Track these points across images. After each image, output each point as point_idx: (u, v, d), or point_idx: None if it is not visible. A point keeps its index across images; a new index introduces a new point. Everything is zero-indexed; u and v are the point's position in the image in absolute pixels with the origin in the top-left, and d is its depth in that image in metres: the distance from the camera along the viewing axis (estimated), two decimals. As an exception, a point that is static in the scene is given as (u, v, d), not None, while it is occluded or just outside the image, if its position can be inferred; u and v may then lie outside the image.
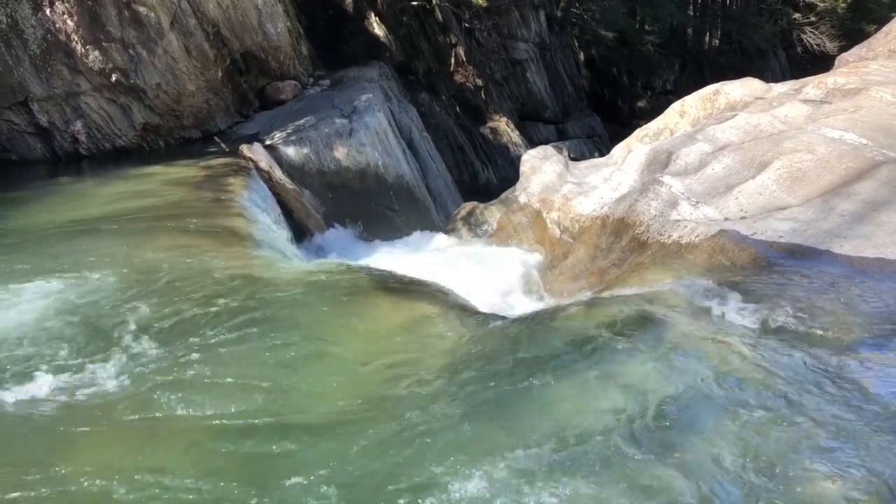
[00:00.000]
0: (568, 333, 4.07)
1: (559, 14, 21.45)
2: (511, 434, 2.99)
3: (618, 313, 4.19)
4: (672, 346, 3.72)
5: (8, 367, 3.56)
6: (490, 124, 17.47)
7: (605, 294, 5.01)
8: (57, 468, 2.80)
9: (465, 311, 4.46)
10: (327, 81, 12.41)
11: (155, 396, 3.32)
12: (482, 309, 4.86)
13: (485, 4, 16.99)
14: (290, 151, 9.74)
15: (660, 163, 6.81)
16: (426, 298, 4.52)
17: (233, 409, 3.23)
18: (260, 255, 5.63)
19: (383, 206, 10.37)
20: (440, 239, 8.85)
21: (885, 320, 3.81)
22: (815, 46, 22.35)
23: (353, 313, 4.29)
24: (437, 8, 16.69)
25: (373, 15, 15.11)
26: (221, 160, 8.97)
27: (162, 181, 8.02)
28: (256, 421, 3.15)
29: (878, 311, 3.92)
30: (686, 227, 5.42)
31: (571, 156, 10.71)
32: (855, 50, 9.01)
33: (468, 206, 9.36)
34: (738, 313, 4.13)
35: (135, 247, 5.44)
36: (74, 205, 7.03)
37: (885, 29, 9.06)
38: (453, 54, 17.10)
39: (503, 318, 4.45)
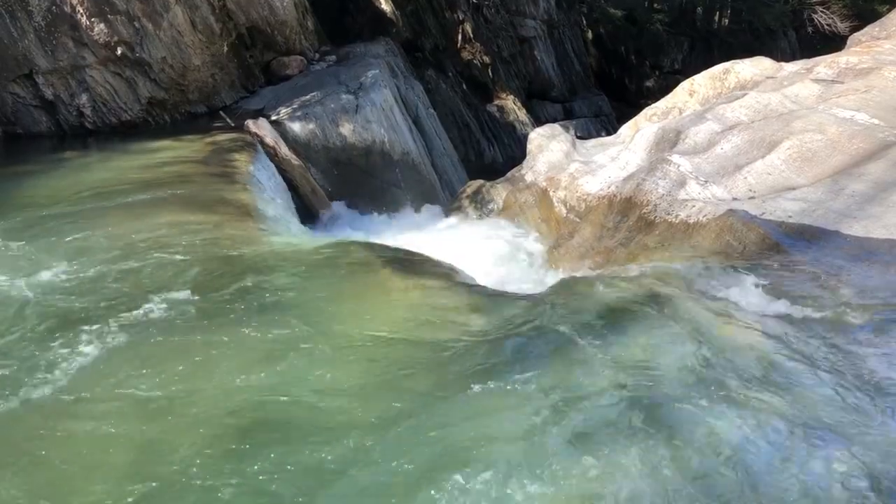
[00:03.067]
0: (574, 312, 4.06)
1: (567, -10, 21.21)
2: (519, 411, 2.99)
3: (624, 292, 4.18)
4: (678, 326, 3.71)
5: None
6: (497, 102, 17.34)
7: (612, 273, 4.99)
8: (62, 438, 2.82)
9: (472, 288, 4.45)
10: (333, 57, 12.32)
11: (155, 372, 3.32)
12: (489, 286, 4.85)
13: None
14: (296, 127, 9.71)
15: (668, 142, 6.75)
16: (434, 276, 4.51)
17: (239, 384, 3.24)
18: (265, 231, 5.62)
19: (389, 182, 10.33)
20: (446, 216, 8.83)
21: (893, 302, 3.80)
22: (825, 27, 22.01)
23: (361, 290, 4.28)
24: (444, -17, 16.52)
25: (380, -10, 14.95)
26: (227, 135, 8.95)
27: (168, 156, 8.01)
28: (263, 397, 3.15)
29: (887, 292, 3.89)
30: (694, 206, 5.39)
31: (578, 135, 10.65)
32: (868, 29, 8.88)
33: (474, 184, 9.32)
34: (745, 293, 4.11)
35: (139, 222, 5.43)
36: (80, 179, 7.02)
37: (898, 8, 8.94)
38: (460, 31, 16.93)
39: (511, 295, 4.44)
